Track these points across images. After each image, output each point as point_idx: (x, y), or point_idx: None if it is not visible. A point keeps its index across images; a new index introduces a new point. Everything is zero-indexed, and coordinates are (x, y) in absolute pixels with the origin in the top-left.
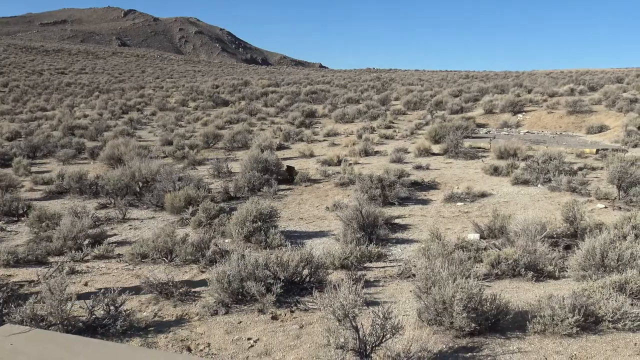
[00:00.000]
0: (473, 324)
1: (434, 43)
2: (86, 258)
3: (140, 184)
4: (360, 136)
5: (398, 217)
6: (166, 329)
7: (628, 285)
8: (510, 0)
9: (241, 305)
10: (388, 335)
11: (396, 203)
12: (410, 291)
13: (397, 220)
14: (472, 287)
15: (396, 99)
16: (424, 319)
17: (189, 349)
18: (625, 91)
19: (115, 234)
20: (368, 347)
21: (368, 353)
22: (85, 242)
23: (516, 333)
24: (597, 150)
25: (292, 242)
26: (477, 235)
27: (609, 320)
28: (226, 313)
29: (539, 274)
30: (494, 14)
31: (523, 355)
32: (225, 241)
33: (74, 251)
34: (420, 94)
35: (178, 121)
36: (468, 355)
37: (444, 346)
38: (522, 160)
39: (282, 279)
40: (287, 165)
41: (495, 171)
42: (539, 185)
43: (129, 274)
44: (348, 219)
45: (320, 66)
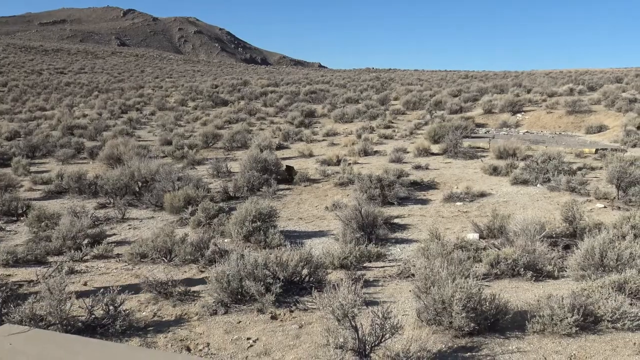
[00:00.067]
0: (472, 323)
1: (433, 43)
2: (85, 258)
3: (140, 184)
4: (359, 136)
5: (397, 217)
6: (165, 328)
7: (627, 285)
8: (510, 0)
9: (240, 305)
10: (387, 335)
11: (395, 203)
12: (410, 291)
13: (397, 220)
14: (472, 287)
15: (395, 99)
16: (423, 318)
17: (188, 349)
18: (624, 91)
19: (114, 234)
20: (367, 347)
21: (367, 353)
22: (85, 242)
23: (515, 333)
24: (596, 150)
25: (292, 242)
26: (477, 235)
27: (608, 320)
28: (225, 313)
29: (538, 273)
30: (494, 14)
31: (522, 355)
32: (225, 241)
33: (73, 251)
34: (420, 93)
35: (177, 121)
36: (467, 355)
37: (443, 346)
38: (522, 160)
39: (282, 278)
40: (287, 165)
41: (495, 171)
42: (538, 185)
43: (128, 273)
44: (347, 218)
45: (320, 66)
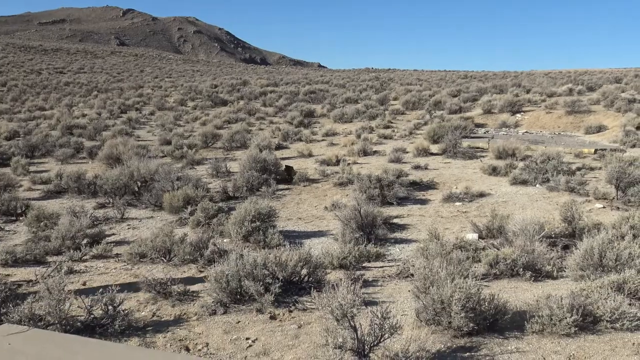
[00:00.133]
0: (471, 323)
1: (432, 43)
2: (84, 258)
3: (139, 184)
4: (358, 136)
5: (396, 217)
6: (164, 328)
7: (626, 285)
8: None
9: (239, 305)
10: (386, 335)
11: (395, 203)
12: (409, 291)
13: (396, 220)
14: (471, 287)
15: (395, 99)
16: (422, 318)
17: (187, 349)
18: (623, 91)
19: (113, 234)
20: (366, 347)
21: (366, 353)
22: (84, 242)
23: (514, 333)
24: (596, 150)
25: (291, 242)
26: (476, 235)
27: (607, 320)
28: (224, 313)
29: (537, 273)
30: (493, 14)
31: (521, 355)
32: (224, 241)
33: (72, 251)
34: (419, 93)
35: (177, 121)
36: (466, 355)
37: (442, 346)
38: (521, 160)
39: (281, 278)
40: (286, 165)
41: (494, 171)
42: (538, 185)
43: (128, 273)
44: (346, 218)
45: (319, 66)
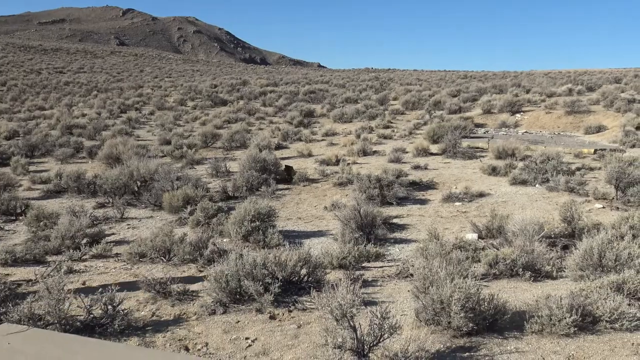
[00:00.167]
0: (471, 323)
1: (432, 43)
2: (84, 257)
3: (139, 183)
4: (358, 136)
5: (396, 217)
6: (164, 328)
7: (625, 285)
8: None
9: (239, 305)
10: (386, 335)
11: (394, 203)
12: (408, 291)
13: (395, 220)
14: (470, 287)
15: (394, 99)
16: (421, 318)
17: (187, 349)
18: (623, 91)
19: (113, 233)
20: (366, 347)
21: (366, 353)
22: (83, 242)
23: (514, 333)
24: (595, 151)
25: (290, 242)
26: (475, 235)
27: (607, 320)
28: (224, 312)
29: (537, 274)
30: (493, 14)
31: (520, 355)
32: (224, 241)
33: (72, 250)
34: (419, 93)
35: (176, 120)
36: (466, 355)
37: (442, 346)
38: (520, 160)
39: (280, 278)
40: (286, 165)
41: (494, 171)
42: (537, 185)
43: (127, 273)
44: (346, 218)
45: (319, 66)
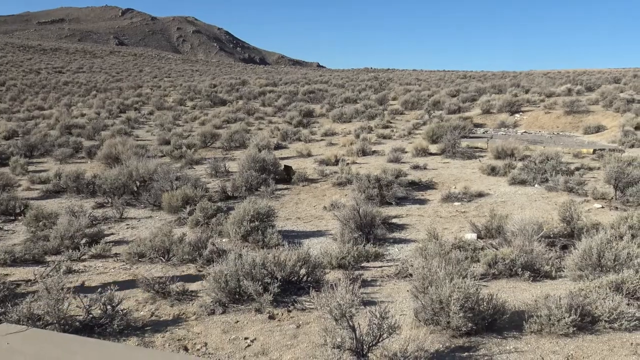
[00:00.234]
0: (470, 323)
1: (432, 43)
2: (83, 257)
3: (138, 183)
4: (357, 136)
5: (395, 217)
6: (163, 328)
7: (624, 285)
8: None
9: (238, 305)
10: (385, 335)
11: (393, 203)
12: (408, 291)
13: (395, 220)
14: (469, 287)
15: (394, 99)
16: (420, 318)
17: (186, 349)
18: (622, 91)
19: (112, 233)
20: (365, 347)
21: (365, 353)
22: (83, 242)
23: (513, 333)
24: (594, 151)
25: (290, 242)
26: (475, 235)
27: (606, 320)
28: (223, 312)
29: (536, 273)
30: (493, 14)
31: (520, 355)
32: (223, 241)
33: (71, 250)
34: (418, 93)
35: (175, 120)
36: (465, 354)
37: (441, 346)
38: (520, 160)
39: (280, 278)
40: (285, 165)
41: (493, 171)
42: (536, 185)
43: (126, 273)
44: (345, 218)
45: (318, 66)
